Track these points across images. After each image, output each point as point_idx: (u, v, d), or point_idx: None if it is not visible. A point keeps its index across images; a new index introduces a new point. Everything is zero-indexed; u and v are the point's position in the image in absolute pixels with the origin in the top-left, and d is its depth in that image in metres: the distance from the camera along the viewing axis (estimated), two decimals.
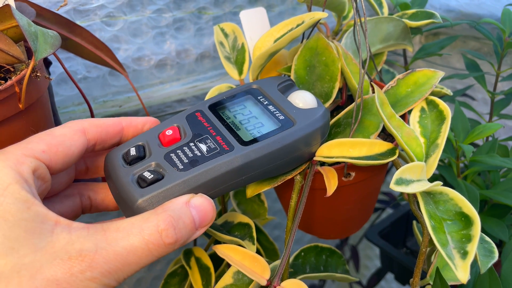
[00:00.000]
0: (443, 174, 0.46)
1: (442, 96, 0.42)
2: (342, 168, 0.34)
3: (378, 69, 0.41)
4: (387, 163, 0.32)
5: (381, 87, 0.37)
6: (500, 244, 0.48)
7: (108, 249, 0.22)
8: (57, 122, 0.40)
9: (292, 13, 0.61)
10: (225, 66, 0.38)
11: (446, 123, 0.33)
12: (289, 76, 0.37)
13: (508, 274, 0.36)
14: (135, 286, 0.61)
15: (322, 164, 0.34)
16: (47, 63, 0.41)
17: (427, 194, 0.30)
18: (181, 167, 0.27)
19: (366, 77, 0.36)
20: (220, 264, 0.42)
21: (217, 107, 0.32)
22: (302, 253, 0.40)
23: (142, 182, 0.27)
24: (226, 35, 0.40)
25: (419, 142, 0.32)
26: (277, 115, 0.31)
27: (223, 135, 0.29)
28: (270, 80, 0.33)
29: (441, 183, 0.30)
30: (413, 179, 0.29)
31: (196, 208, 0.26)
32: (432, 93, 0.39)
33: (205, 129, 0.30)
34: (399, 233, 0.66)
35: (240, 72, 0.39)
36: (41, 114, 0.32)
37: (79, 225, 0.23)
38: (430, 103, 0.35)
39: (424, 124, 0.35)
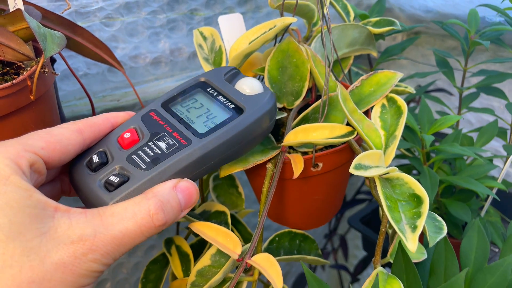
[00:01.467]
0: (411, 162, 0.50)
1: (413, 97, 0.46)
2: (310, 159, 0.39)
3: (345, 71, 0.45)
4: (352, 158, 0.37)
5: (347, 87, 0.42)
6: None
7: (105, 233, 0.24)
8: (61, 115, 0.45)
9: (279, 14, 0.65)
10: (203, 67, 0.42)
11: (403, 117, 0.38)
12: (263, 76, 0.42)
13: (466, 249, 0.41)
14: (115, 270, 0.65)
15: (292, 150, 0.38)
16: (52, 60, 0.45)
17: (385, 180, 0.35)
18: (144, 166, 0.29)
19: (333, 77, 0.41)
20: (199, 253, 0.45)
21: (169, 104, 0.33)
22: (277, 238, 0.44)
23: (110, 186, 0.28)
24: (205, 38, 0.44)
25: (378, 134, 0.37)
26: (227, 104, 0.33)
27: (180, 131, 0.31)
28: (216, 71, 0.35)
29: (397, 169, 0.34)
30: (371, 165, 0.33)
31: (182, 191, 0.28)
32: (397, 92, 0.44)
33: (162, 127, 0.31)
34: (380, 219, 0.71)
35: None
36: (48, 106, 0.36)
37: (76, 211, 0.25)
38: (390, 100, 0.40)
39: (384, 118, 0.39)
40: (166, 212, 0.27)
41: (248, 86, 0.34)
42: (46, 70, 0.34)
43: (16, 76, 0.33)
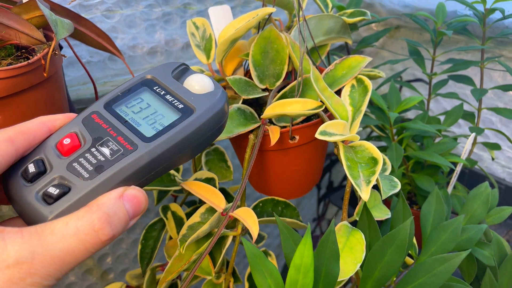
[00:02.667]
0: (383, 140, 0.56)
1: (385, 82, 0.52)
2: (288, 131, 0.44)
3: (323, 57, 0.51)
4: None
5: (323, 71, 0.47)
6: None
7: (45, 254, 0.22)
8: (68, 97, 0.50)
9: None
10: (195, 53, 0.47)
11: (368, 94, 0.43)
12: (247, 60, 0.47)
13: (426, 213, 0.46)
14: (115, 245, 0.70)
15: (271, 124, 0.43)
16: (59, 47, 0.51)
17: (350, 147, 0.40)
18: (86, 175, 0.26)
19: (310, 62, 0.46)
20: None
21: (113, 105, 0.30)
22: (261, 204, 0.49)
23: (49, 199, 0.26)
24: (197, 28, 0.49)
25: (345, 108, 0.42)
26: (176, 104, 0.30)
27: (125, 135, 0.28)
28: (164, 67, 0.33)
29: (358, 137, 0.40)
30: (336, 133, 0.39)
31: (130, 201, 0.26)
32: (369, 76, 0.49)
33: (105, 131, 0.29)
34: None
35: (208, 57, 0.48)
36: (57, 85, 0.41)
37: (11, 230, 0.23)
38: (358, 80, 0.45)
39: (353, 96, 0.45)
40: (113, 225, 0.25)
41: (198, 83, 0.31)
42: (56, 52, 0.39)
43: (31, 56, 0.38)
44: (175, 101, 0.31)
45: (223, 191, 0.52)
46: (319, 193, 1.06)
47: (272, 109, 0.40)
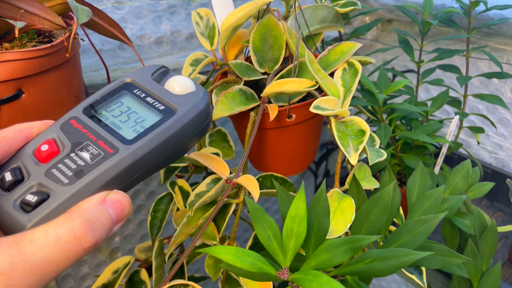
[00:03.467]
0: (373, 123, 0.60)
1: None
2: (285, 110, 0.48)
3: (317, 44, 0.55)
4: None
5: (316, 57, 0.51)
6: None
7: (24, 264, 0.21)
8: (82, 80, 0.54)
9: None
10: (200, 40, 0.52)
11: (358, 76, 0.48)
12: (247, 46, 0.51)
13: (411, 185, 0.50)
14: (123, 226, 0.74)
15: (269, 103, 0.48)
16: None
17: (341, 122, 0.44)
18: (66, 181, 0.26)
19: (305, 47, 0.50)
20: None
21: (92, 109, 0.30)
22: (260, 179, 0.53)
23: (27, 207, 0.25)
24: (201, 17, 0.53)
25: (337, 87, 0.46)
26: (157, 106, 0.30)
27: (105, 138, 0.28)
28: (143, 71, 0.32)
29: (349, 112, 0.44)
30: (328, 108, 0.43)
31: (113, 205, 0.25)
32: (360, 62, 0.53)
33: (84, 136, 0.28)
34: None
35: (212, 44, 0.52)
36: (76, 67, 0.46)
37: None
38: (349, 64, 0.50)
39: (344, 78, 0.49)
40: (96, 231, 0.24)
41: (179, 84, 0.31)
42: (76, 36, 0.43)
43: (54, 39, 0.42)
44: (156, 103, 0.30)
45: None
46: (316, 181, 1.10)
47: (271, 88, 0.44)
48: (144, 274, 0.61)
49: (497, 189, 0.78)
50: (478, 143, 0.72)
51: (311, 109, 0.40)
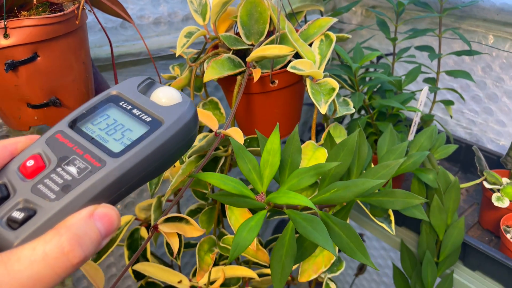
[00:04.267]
0: (351, 96, 0.66)
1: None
2: (269, 76, 0.54)
3: (299, 21, 0.61)
4: (299, 80, 0.53)
5: (298, 31, 0.58)
6: None
7: (12, 283, 0.21)
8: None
9: None
10: (194, 16, 0.58)
11: (332, 45, 0.54)
12: (236, 22, 0.57)
13: (381, 143, 0.57)
14: None
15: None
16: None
17: (316, 84, 0.51)
18: (53, 196, 0.26)
19: (286, 21, 0.57)
20: None
21: (78, 123, 0.30)
22: (248, 140, 0.60)
23: (13, 224, 0.25)
24: None
25: (313, 54, 0.53)
26: (143, 117, 0.30)
27: (92, 152, 0.28)
28: (129, 82, 0.32)
29: (321, 73, 0.50)
30: (304, 69, 0.49)
31: (101, 219, 0.25)
32: (337, 37, 0.60)
33: (71, 150, 0.28)
34: None
35: (204, 19, 0.58)
36: (84, 36, 0.52)
37: None
38: (326, 35, 0.56)
39: (321, 48, 0.55)
40: (85, 246, 0.24)
41: (165, 95, 0.31)
42: (84, 7, 0.49)
43: (65, 9, 0.49)
44: (143, 114, 0.30)
45: None
46: None
47: (256, 53, 0.50)
48: (143, 232, 0.67)
49: (471, 162, 0.84)
50: (451, 116, 0.79)
51: (289, 68, 0.47)
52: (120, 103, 0.31)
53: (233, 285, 0.68)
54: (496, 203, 0.63)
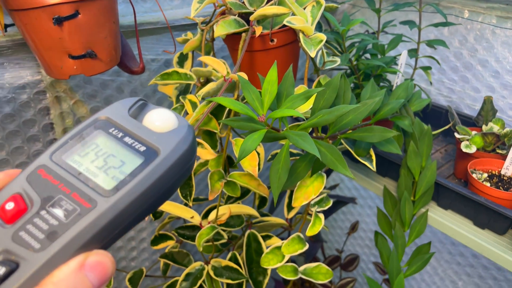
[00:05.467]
0: (340, 58, 0.77)
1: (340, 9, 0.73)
2: (268, 34, 0.65)
3: None
4: (295, 39, 0.63)
5: None
6: None
7: None
8: None
9: None
10: None
11: (322, 7, 0.64)
12: None
13: (364, 93, 0.67)
14: None
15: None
16: None
17: (309, 38, 0.61)
18: (37, 246, 0.23)
19: None
20: None
21: (62, 155, 0.26)
22: None
23: None
24: None
25: (306, 15, 0.63)
26: (136, 147, 0.27)
27: (80, 190, 0.25)
28: (119, 105, 0.29)
29: (313, 29, 0.61)
30: (297, 24, 0.60)
31: (93, 269, 0.22)
32: (327, 6, 0.70)
33: (56, 188, 0.25)
34: None
35: None
36: (115, 0, 0.63)
37: None
38: (317, 2, 0.66)
39: (313, 12, 0.65)
40: None
41: (160, 120, 0.28)
42: None
43: None
44: (136, 143, 0.27)
45: None
46: None
47: (258, 12, 0.61)
48: None
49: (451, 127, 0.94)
50: (431, 83, 0.89)
51: (285, 22, 0.57)
52: (110, 130, 0.28)
53: (237, 226, 0.79)
54: (464, 150, 0.73)
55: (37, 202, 0.24)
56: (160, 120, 0.28)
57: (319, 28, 0.77)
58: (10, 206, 0.24)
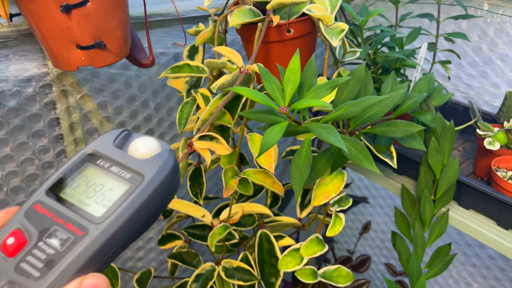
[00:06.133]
0: (359, 49, 0.74)
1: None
2: (285, 25, 0.62)
3: None
4: (315, 30, 0.60)
5: None
6: None
7: None
8: None
9: None
10: None
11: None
12: None
13: (385, 86, 0.64)
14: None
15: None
16: None
17: (329, 28, 0.58)
18: (37, 274, 0.25)
19: None
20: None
21: (55, 189, 0.29)
22: None
23: None
24: None
25: (326, 3, 0.60)
26: (122, 174, 0.29)
27: (73, 219, 0.27)
28: (104, 138, 0.31)
29: (332, 17, 0.58)
30: (317, 12, 0.57)
31: None
32: None
33: (51, 221, 0.27)
34: None
35: None
36: None
37: None
38: None
39: (331, 1, 0.62)
40: None
41: (143, 147, 0.30)
42: None
43: None
44: (122, 171, 0.29)
45: None
46: None
47: (275, 1, 0.58)
48: None
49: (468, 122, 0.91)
50: (449, 77, 0.86)
51: (304, 10, 0.54)
52: (97, 162, 0.30)
53: (249, 226, 0.76)
54: (488, 146, 0.70)
55: (35, 234, 0.27)
56: (143, 147, 0.30)
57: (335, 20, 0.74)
58: (11, 241, 0.26)
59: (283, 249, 0.68)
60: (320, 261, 1.18)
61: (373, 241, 1.34)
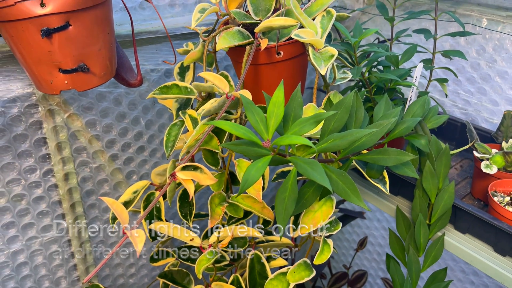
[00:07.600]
0: (351, 71, 0.72)
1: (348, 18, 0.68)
2: (275, 47, 0.60)
3: (303, 1, 0.67)
4: (303, 52, 0.58)
5: (301, 9, 0.63)
6: None
7: None
8: None
9: None
10: None
11: (332, 19, 0.59)
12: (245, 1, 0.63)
13: (377, 110, 0.62)
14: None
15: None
16: None
17: (318, 52, 0.56)
18: None
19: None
20: None
21: None
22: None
23: None
24: None
25: (315, 26, 0.58)
26: None
27: None
28: None
29: (322, 42, 0.56)
30: (306, 37, 0.55)
31: None
32: (338, 15, 0.65)
33: None
34: None
35: None
36: (110, 9, 0.58)
37: None
38: (327, 11, 0.61)
39: (323, 22, 0.61)
40: None
41: None
42: None
43: None
44: None
45: None
46: None
47: (263, 24, 0.56)
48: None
49: (466, 140, 0.89)
50: (446, 95, 0.84)
51: (292, 35, 0.52)
52: None
53: (240, 247, 0.74)
54: (485, 170, 0.68)
55: None
56: None
57: (328, 37, 0.73)
58: None
59: (277, 269, 0.67)
60: (315, 276, 1.16)
61: (370, 254, 1.32)
